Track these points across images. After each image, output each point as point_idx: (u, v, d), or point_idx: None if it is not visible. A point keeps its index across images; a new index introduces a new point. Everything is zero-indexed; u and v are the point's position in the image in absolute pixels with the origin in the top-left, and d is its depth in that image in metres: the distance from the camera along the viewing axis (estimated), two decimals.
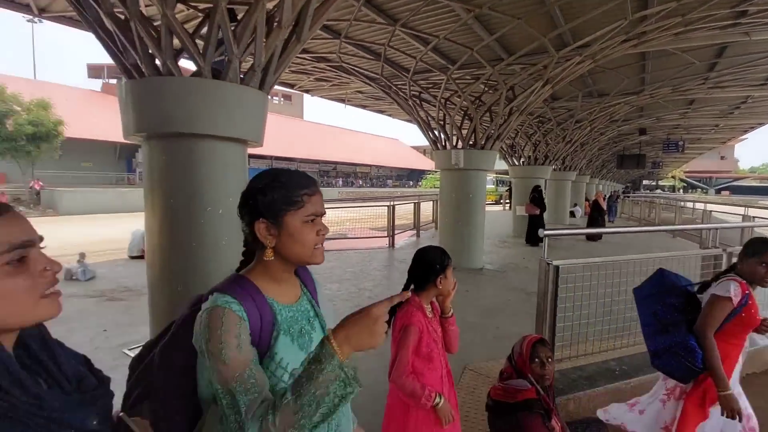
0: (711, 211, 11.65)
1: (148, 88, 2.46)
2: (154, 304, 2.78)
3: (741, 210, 9.29)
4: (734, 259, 6.71)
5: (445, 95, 7.44)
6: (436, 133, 7.70)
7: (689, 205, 15.21)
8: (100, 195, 19.92)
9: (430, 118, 7.75)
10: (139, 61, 2.49)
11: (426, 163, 55.13)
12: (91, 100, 29.40)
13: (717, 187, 67.57)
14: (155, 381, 0.92)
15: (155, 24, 2.52)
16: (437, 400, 1.59)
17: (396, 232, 9.48)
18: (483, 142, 7.21)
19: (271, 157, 38.02)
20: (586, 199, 19.84)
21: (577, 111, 10.73)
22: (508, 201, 21.10)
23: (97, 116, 25.90)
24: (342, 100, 11.40)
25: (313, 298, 1.04)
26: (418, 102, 7.81)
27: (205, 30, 3.22)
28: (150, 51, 2.46)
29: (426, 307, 1.72)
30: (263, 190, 0.89)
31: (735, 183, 68.38)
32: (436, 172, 49.91)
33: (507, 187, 25.46)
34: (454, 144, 7.53)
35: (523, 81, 6.95)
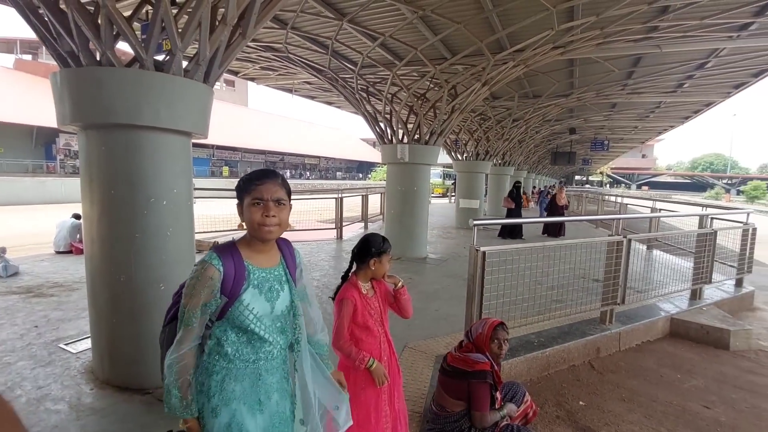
0: (627, 204, 13.06)
1: (87, 78, 2.41)
2: (95, 294, 2.74)
3: (651, 203, 10.56)
4: (640, 245, 7.63)
5: (391, 90, 7.68)
6: (383, 126, 7.94)
7: (612, 198, 16.87)
8: (14, 184, 17.93)
9: (376, 113, 7.96)
10: (75, 50, 2.42)
11: (376, 156, 55.54)
12: (2, 78, 26.12)
13: (638, 183, 75.01)
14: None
15: (92, 12, 2.47)
16: (370, 362, 1.85)
17: (344, 224, 9.64)
18: (427, 138, 7.56)
19: (213, 146, 36.25)
20: (523, 193, 21.27)
21: (515, 110, 11.49)
22: (453, 194, 21.99)
23: (10, 97, 23.13)
24: (289, 90, 11.25)
25: (288, 268, 1.39)
26: (365, 96, 7.98)
27: (141, 13, 3.17)
28: (88, 39, 2.41)
29: (362, 284, 1.95)
30: (239, 182, 1.30)
31: (654, 179, 76.29)
32: (384, 165, 50.27)
33: (453, 181, 26.52)
34: (400, 138, 7.81)
35: (465, 81, 7.37)
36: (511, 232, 10.18)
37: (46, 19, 2.45)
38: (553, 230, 10.74)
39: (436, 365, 3.16)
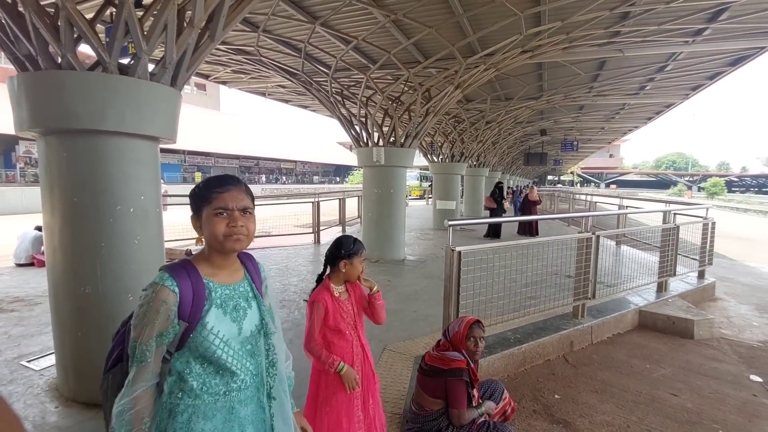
0: (596, 202, 13.55)
1: (46, 82, 2.30)
2: (58, 307, 2.62)
3: (618, 201, 11.00)
4: (609, 242, 7.83)
5: (366, 94, 7.70)
6: (358, 130, 7.94)
7: (582, 197, 17.45)
8: None
9: (351, 116, 7.96)
10: (33, 53, 2.32)
11: (352, 159, 55.41)
12: None
13: (607, 182, 77.88)
14: (126, 346, 1.11)
15: (51, 13, 2.37)
16: (340, 366, 1.84)
17: (321, 228, 9.57)
18: (402, 140, 7.62)
19: (184, 152, 35.30)
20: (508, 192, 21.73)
21: (487, 113, 11.74)
22: (430, 196, 22.20)
23: None
24: (263, 94, 11.10)
25: (254, 283, 1.23)
26: (339, 99, 7.96)
27: (105, 15, 3.07)
28: (47, 42, 2.31)
29: (335, 287, 1.95)
30: (193, 191, 1.14)
31: (621, 177, 79.38)
32: (360, 168, 50.24)
33: (430, 183, 26.78)
34: (376, 141, 7.84)
35: (438, 84, 7.48)
36: (496, 232, 10.41)
37: (3, 21, 2.33)
38: (527, 229, 11.03)
39: (415, 366, 3.18)
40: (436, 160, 13.06)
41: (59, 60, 2.37)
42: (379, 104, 7.65)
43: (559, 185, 67.70)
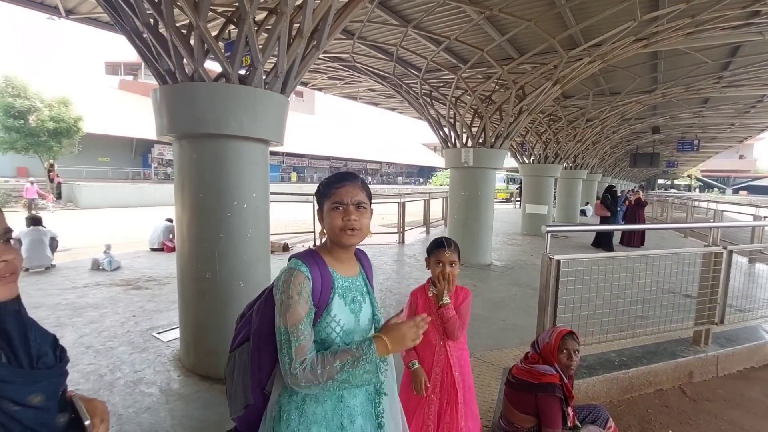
0: (723, 210, 11.55)
1: (181, 93, 2.68)
2: (184, 290, 3.03)
3: (753, 210, 9.24)
4: (739, 258, 6.70)
5: (455, 94, 7.58)
6: (446, 131, 7.85)
7: (703, 204, 15.05)
8: (118, 189, 20.49)
9: (440, 117, 7.90)
10: (172, 68, 2.71)
11: (437, 161, 55.09)
12: (109, 96, 30.06)
13: (735, 187, 66.07)
14: (253, 327, 1.20)
15: (184, 33, 2.74)
16: (411, 363, 1.85)
17: (406, 228, 9.66)
18: (493, 141, 7.34)
19: (283, 154, 38.40)
20: (598, 198, 19.76)
21: (589, 109, 10.75)
22: (518, 199, 21.10)
23: (114, 112, 26.51)
24: (354, 98, 11.59)
25: (368, 279, 1.31)
26: (428, 101, 7.96)
27: (223, 33, 3.45)
28: (183, 58, 2.68)
29: (430, 286, 1.94)
30: (319, 186, 1.23)
31: (754, 183, 66.72)
32: (446, 169, 49.68)
33: (518, 185, 25.45)
34: (464, 142, 7.67)
35: (534, 80, 7.05)
36: (608, 242, 9.19)
37: (149, 41, 2.76)
38: (633, 239, 9.79)
39: (503, 378, 3.02)
40: (526, 161, 12.34)
41: (191, 73, 2.72)
42: (469, 104, 7.47)
43: (673, 190, 59.34)
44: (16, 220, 6.35)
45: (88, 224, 12.51)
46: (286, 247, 7.98)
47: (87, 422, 0.80)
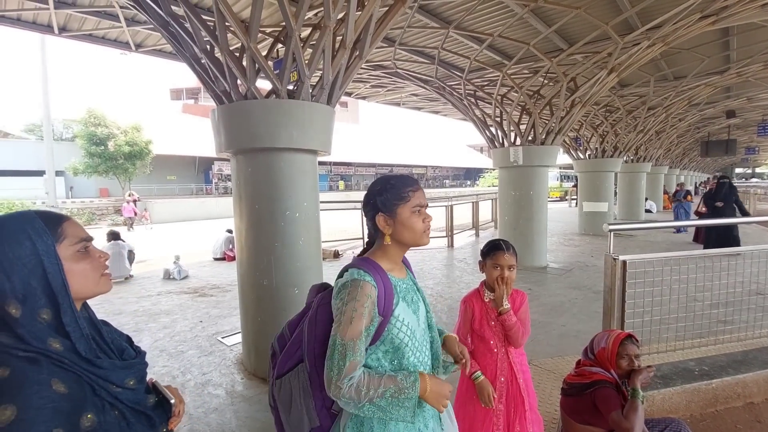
0: None
1: (237, 111, 2.86)
2: (244, 296, 3.20)
3: None
4: None
5: (501, 92, 7.37)
6: (493, 130, 7.64)
7: None
8: (184, 204, 22.19)
9: (486, 116, 7.71)
10: (228, 88, 2.90)
11: (483, 162, 53.79)
12: (174, 120, 32.72)
13: None
14: (306, 347, 1.16)
15: (238, 56, 2.92)
16: (476, 374, 1.77)
17: (454, 232, 9.50)
18: (543, 137, 7.03)
19: (330, 163, 39.48)
20: (665, 192, 18.18)
21: (650, 97, 9.96)
22: (574, 197, 20.01)
23: (179, 134, 28.79)
24: (397, 104, 11.66)
25: (413, 277, 1.31)
26: (473, 101, 7.81)
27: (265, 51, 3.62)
28: (236, 79, 2.86)
29: (486, 291, 1.87)
30: (380, 192, 1.17)
31: None
32: (494, 170, 48.35)
33: (573, 183, 24.14)
34: (512, 141, 7.42)
35: (586, 71, 6.68)
36: (719, 238, 7.52)
37: (207, 66, 2.98)
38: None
39: None
40: (582, 156, 11.67)
41: (244, 92, 2.89)
42: (516, 101, 7.23)
43: (755, 180, 53.20)
44: (99, 236, 7.07)
45: (159, 237, 13.65)
46: (336, 254, 8.16)
47: (173, 401, 0.95)
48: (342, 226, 9.82)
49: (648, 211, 15.34)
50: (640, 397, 1.78)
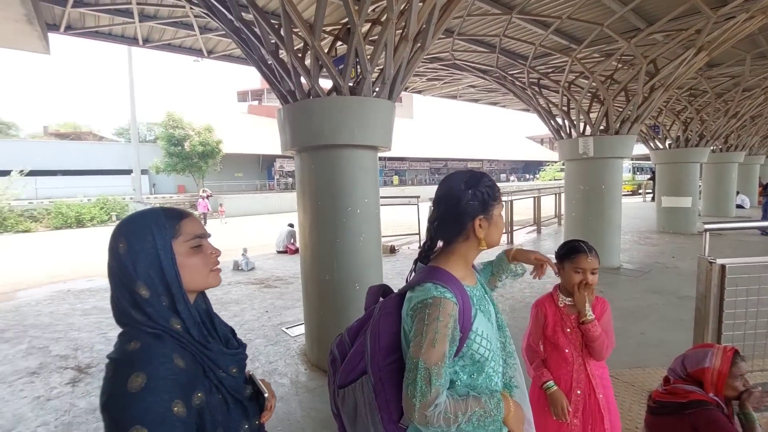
0: None
1: (301, 110, 2.93)
2: (307, 291, 3.29)
3: None
4: None
5: (568, 79, 6.88)
6: (559, 120, 7.17)
7: None
8: (249, 200, 23.62)
9: (551, 106, 7.26)
10: (292, 87, 2.97)
11: (544, 154, 51.06)
12: (240, 120, 34.82)
13: None
14: (369, 359, 1.09)
15: (300, 56, 2.97)
16: (547, 384, 1.64)
17: (514, 228, 9.10)
18: (617, 127, 6.46)
19: (384, 158, 39.73)
20: (761, 185, 16.00)
21: (745, 77, 8.75)
22: (650, 191, 18.31)
23: (245, 133, 30.59)
24: (454, 96, 11.37)
25: (480, 278, 1.22)
26: (537, 89, 7.37)
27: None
28: (300, 77, 2.92)
29: (560, 295, 1.73)
30: (479, 193, 1.08)
31: None
32: (555, 163, 45.73)
33: (649, 176, 22.08)
34: (582, 131, 6.91)
35: (669, 51, 6.01)
36: None
37: (273, 66, 3.08)
38: None
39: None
40: (660, 146, 10.60)
41: (308, 91, 2.95)
42: (587, 88, 6.71)
43: None
44: None
45: (229, 231, 14.63)
46: (392, 249, 8.17)
47: (266, 394, 0.98)
48: (397, 221, 9.83)
49: (739, 206, 13.59)
50: (756, 421, 1.54)
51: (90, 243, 12.63)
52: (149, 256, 0.80)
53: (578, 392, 1.66)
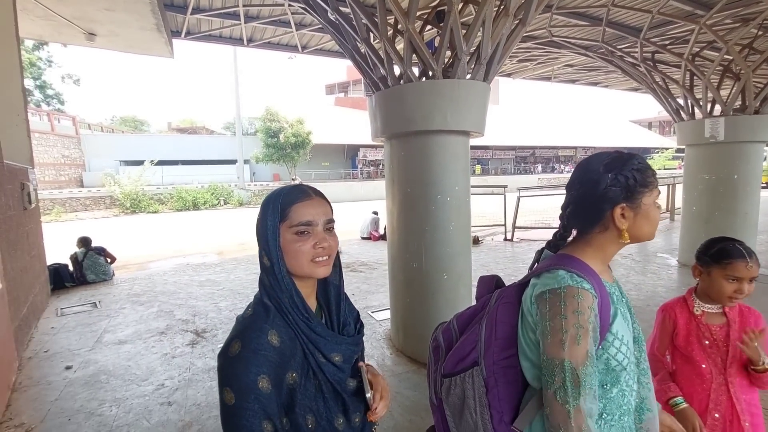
0: None
1: (393, 96, 2.93)
2: (394, 277, 3.32)
3: None
4: None
5: (693, 51, 5.90)
6: (680, 100, 6.21)
7: None
8: (336, 187, 24.88)
9: (669, 83, 6.31)
10: (385, 73, 2.98)
11: (651, 140, 45.18)
12: (327, 112, 36.54)
13: None
14: (482, 351, 1.00)
15: (392, 41, 2.95)
16: (674, 400, 1.39)
17: None
18: (758, 105, 5.39)
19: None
20: None
21: None
22: None
23: (332, 124, 32.05)
24: (547, 78, 10.50)
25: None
26: (651, 65, 6.46)
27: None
28: (393, 63, 2.91)
29: (697, 301, 1.48)
30: (621, 177, 0.93)
31: None
32: (666, 150, 39.94)
33: None
34: (708, 111, 5.90)
35: None
36: None
37: (366, 54, 3.11)
38: None
39: None
40: None
41: (400, 76, 2.93)
42: (718, 60, 5.69)
43: None
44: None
45: None
46: (476, 240, 7.93)
47: (368, 395, 0.87)
48: (479, 211, 9.48)
49: None
50: None
51: (203, 224, 14.45)
52: (265, 234, 0.84)
53: (716, 416, 1.40)
